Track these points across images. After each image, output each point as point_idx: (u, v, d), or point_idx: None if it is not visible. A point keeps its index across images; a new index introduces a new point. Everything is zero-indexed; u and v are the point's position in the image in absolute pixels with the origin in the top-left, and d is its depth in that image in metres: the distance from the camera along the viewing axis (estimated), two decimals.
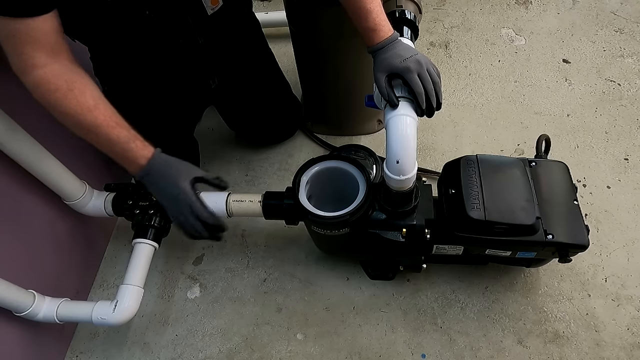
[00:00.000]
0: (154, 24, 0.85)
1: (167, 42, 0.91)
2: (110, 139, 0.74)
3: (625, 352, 0.98)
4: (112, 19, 0.81)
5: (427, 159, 1.32)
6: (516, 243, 0.87)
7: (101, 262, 1.23)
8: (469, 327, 1.04)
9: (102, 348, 1.09)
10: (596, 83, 1.43)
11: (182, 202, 0.76)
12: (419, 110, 0.78)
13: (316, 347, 1.05)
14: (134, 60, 0.95)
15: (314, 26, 1.09)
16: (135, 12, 0.81)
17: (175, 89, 1.04)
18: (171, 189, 0.76)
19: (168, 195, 0.77)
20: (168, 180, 0.76)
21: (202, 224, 0.77)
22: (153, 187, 0.78)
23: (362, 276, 1.13)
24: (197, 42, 0.94)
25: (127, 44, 0.90)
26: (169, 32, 0.89)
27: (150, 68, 0.97)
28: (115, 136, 0.74)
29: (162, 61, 0.96)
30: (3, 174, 0.89)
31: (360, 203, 0.87)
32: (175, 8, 0.85)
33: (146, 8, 0.81)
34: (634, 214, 1.16)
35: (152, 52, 0.93)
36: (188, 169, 0.79)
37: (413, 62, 0.77)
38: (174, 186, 0.76)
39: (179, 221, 0.78)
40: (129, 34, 0.87)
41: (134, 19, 0.83)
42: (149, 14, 0.82)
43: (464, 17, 1.67)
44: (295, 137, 1.41)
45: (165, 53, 0.94)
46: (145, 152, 0.76)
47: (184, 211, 0.76)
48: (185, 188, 0.76)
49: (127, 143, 0.75)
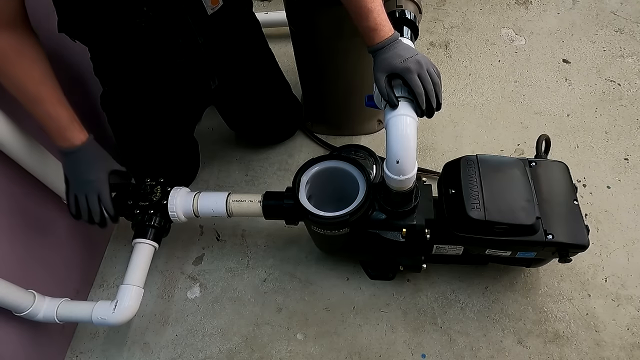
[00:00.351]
0: (153, 23, 0.85)
1: (166, 42, 0.91)
2: (50, 114, 0.81)
3: (625, 352, 0.98)
4: (112, 18, 0.81)
5: (427, 159, 1.32)
6: (516, 243, 0.87)
7: (101, 262, 1.23)
8: (469, 327, 1.04)
9: (102, 348, 1.09)
10: (596, 83, 1.43)
11: (94, 188, 0.87)
12: (419, 111, 0.78)
13: (316, 347, 1.05)
14: (133, 60, 0.95)
15: (314, 26, 1.09)
16: (135, 12, 0.81)
17: (175, 89, 1.04)
18: (89, 174, 0.87)
19: (82, 177, 0.87)
20: (90, 165, 0.87)
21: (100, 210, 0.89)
22: (72, 166, 0.87)
23: (362, 276, 1.13)
24: (197, 42, 0.94)
25: (127, 44, 0.90)
26: (168, 32, 0.89)
27: (150, 68, 0.97)
28: (55, 113, 0.81)
29: (162, 61, 0.96)
30: (3, 174, 0.89)
31: (360, 203, 0.87)
32: (175, 8, 0.85)
33: (146, 7, 0.81)
34: (634, 214, 1.16)
35: (152, 51, 0.93)
36: (110, 161, 0.91)
37: (413, 62, 0.77)
38: (94, 171, 0.87)
39: (80, 200, 0.88)
40: (129, 33, 0.87)
41: (134, 19, 0.83)
42: (147, 11, 0.82)
43: (464, 17, 1.67)
44: (295, 137, 1.41)
45: (165, 53, 0.93)
46: (81, 135, 0.85)
47: (90, 195, 0.87)
48: (102, 177, 0.88)
49: (68, 122, 0.83)
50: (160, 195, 1.00)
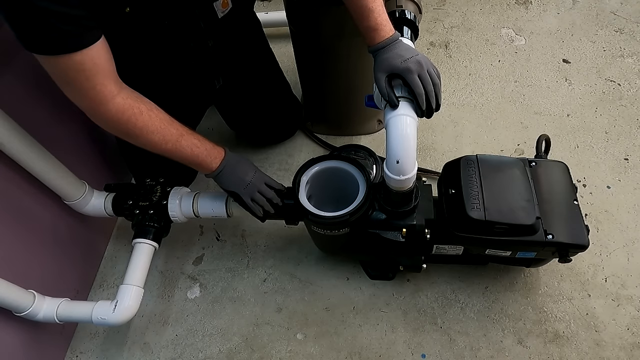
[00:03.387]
0: (168, 30, 0.85)
1: (179, 46, 0.91)
2: (197, 142, 0.83)
3: (625, 352, 0.98)
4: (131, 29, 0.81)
5: (427, 159, 1.32)
6: (516, 243, 0.87)
7: (101, 262, 1.23)
8: (469, 327, 1.04)
9: (102, 348, 1.09)
10: (596, 83, 1.43)
11: (255, 185, 0.90)
12: (419, 111, 0.78)
13: (316, 347, 1.05)
14: (142, 63, 0.95)
15: (314, 26, 1.09)
16: (154, 23, 0.82)
17: (180, 90, 1.04)
18: (246, 175, 0.90)
19: (245, 179, 0.89)
20: (240, 166, 0.90)
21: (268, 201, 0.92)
22: (232, 176, 0.89)
23: (362, 276, 1.13)
24: (207, 44, 0.95)
25: (140, 49, 0.90)
26: (181, 37, 0.89)
27: (158, 70, 0.97)
28: (198, 137, 0.84)
29: (172, 64, 0.96)
30: (3, 174, 0.89)
31: (360, 203, 0.87)
32: (189, 14, 0.86)
33: (165, 19, 0.82)
34: (634, 214, 1.16)
35: (163, 55, 0.93)
36: (250, 163, 0.93)
37: (413, 62, 0.77)
38: (246, 170, 0.90)
39: (259, 201, 0.91)
40: (144, 41, 0.87)
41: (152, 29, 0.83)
42: (167, 23, 0.83)
43: (464, 17, 1.67)
44: (295, 137, 1.41)
45: (176, 56, 0.94)
46: (218, 145, 0.88)
47: (257, 194, 0.90)
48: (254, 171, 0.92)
49: (208, 141, 0.86)
50: (160, 195, 1.00)
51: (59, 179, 0.96)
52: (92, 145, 1.16)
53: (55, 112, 1.01)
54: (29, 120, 0.87)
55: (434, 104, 0.79)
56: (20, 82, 0.92)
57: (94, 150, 1.17)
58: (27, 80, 0.93)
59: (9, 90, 0.89)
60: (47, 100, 0.98)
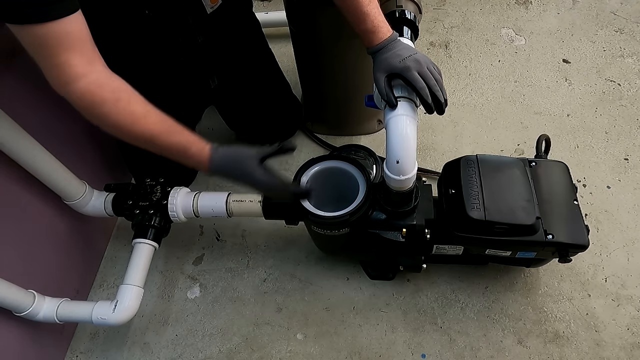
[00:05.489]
0: (153, 22, 0.85)
1: (166, 41, 0.91)
2: (167, 146, 0.73)
3: (625, 352, 0.98)
4: (112, 17, 0.81)
5: (427, 159, 1.32)
6: (516, 243, 0.87)
7: (101, 262, 1.23)
8: (469, 327, 1.04)
9: (102, 348, 1.09)
10: (596, 83, 1.43)
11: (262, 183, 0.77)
12: (427, 106, 0.76)
13: (316, 347, 1.05)
14: (132, 59, 0.95)
15: (314, 26, 1.09)
16: (134, 11, 0.81)
17: (174, 89, 1.04)
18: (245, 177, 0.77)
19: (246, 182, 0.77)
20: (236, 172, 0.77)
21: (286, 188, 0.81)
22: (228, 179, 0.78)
23: (362, 276, 1.13)
24: (197, 41, 0.94)
25: (126, 43, 0.90)
26: (168, 31, 0.89)
27: (150, 67, 0.97)
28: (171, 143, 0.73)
29: (162, 60, 0.96)
30: (3, 174, 0.89)
31: (360, 203, 0.87)
32: (174, 7, 0.85)
33: (146, 7, 0.81)
34: (634, 214, 1.16)
35: (152, 51, 0.93)
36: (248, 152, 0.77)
37: (412, 61, 0.77)
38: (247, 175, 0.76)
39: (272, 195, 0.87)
40: (128, 32, 0.86)
41: (133, 18, 0.83)
42: (148, 13, 0.82)
43: (464, 17, 1.67)
44: (295, 137, 1.41)
45: (165, 52, 0.93)
46: (202, 157, 0.74)
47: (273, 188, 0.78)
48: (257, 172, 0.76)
49: (185, 151, 0.73)
50: (160, 195, 1.00)
51: (59, 179, 0.96)
52: (92, 145, 1.16)
53: (55, 112, 1.01)
54: (29, 120, 0.87)
55: (440, 97, 0.76)
56: (20, 82, 0.92)
57: (94, 150, 1.17)
58: (27, 80, 0.93)
59: (9, 90, 0.89)
60: (47, 100, 0.98)
